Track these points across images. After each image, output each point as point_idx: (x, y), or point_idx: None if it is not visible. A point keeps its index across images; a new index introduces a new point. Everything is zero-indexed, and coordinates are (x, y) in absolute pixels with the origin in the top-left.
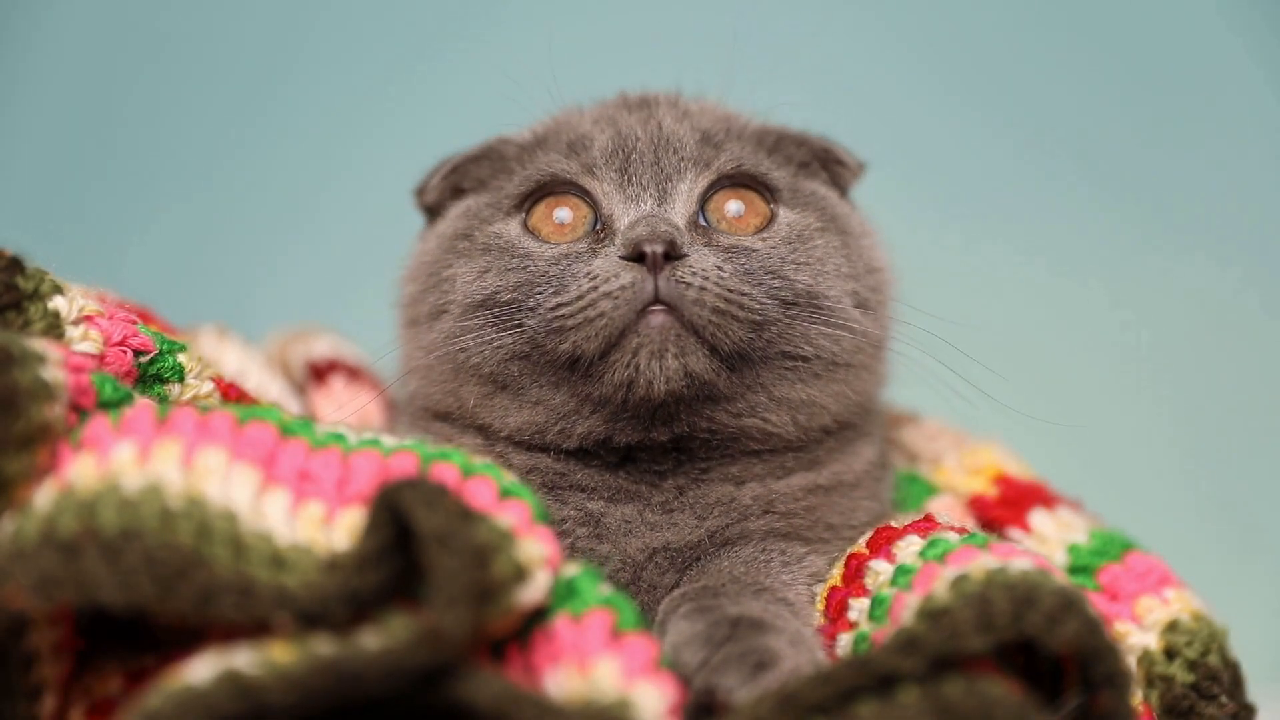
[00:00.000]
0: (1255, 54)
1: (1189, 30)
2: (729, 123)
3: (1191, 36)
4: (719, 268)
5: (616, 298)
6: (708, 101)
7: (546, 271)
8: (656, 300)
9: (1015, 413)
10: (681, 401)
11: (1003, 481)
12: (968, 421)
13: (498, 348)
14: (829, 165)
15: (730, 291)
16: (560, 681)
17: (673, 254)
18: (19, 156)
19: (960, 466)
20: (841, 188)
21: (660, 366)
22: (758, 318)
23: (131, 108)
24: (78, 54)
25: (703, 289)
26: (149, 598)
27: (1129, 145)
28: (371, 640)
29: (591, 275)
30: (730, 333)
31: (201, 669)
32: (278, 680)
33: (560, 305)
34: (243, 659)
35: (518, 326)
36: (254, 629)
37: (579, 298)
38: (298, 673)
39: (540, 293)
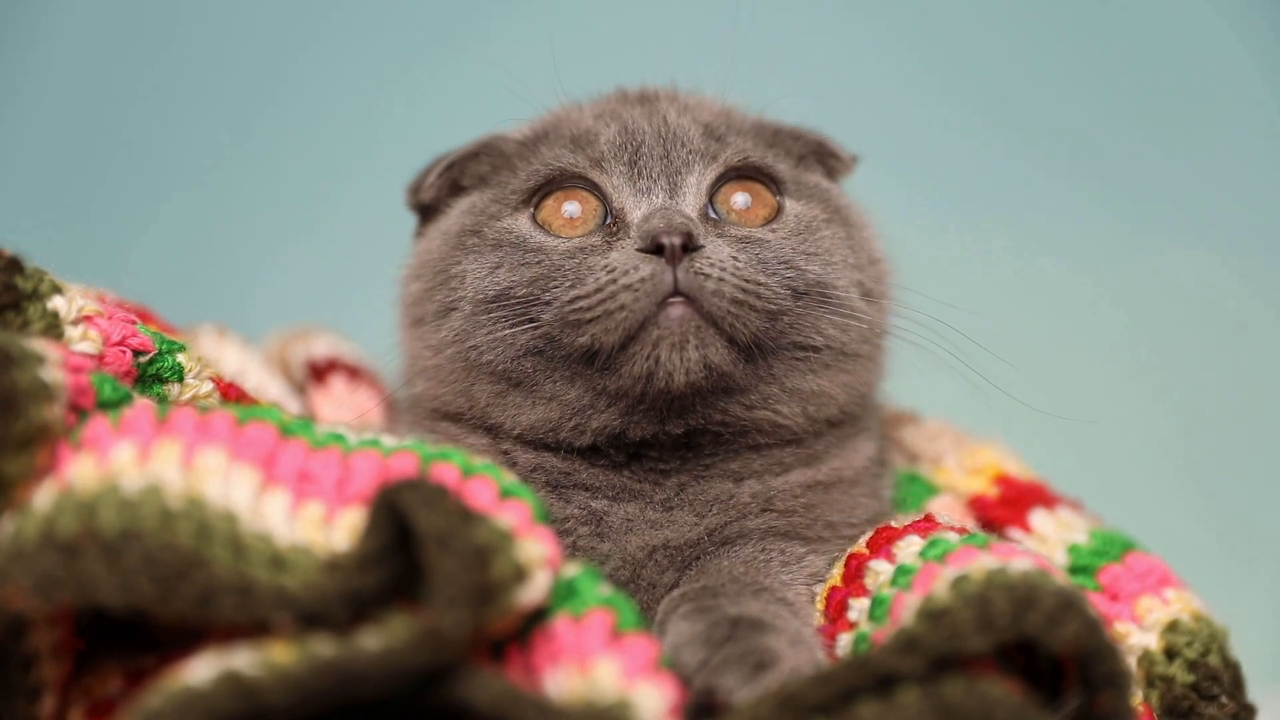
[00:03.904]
0: (1254, 52)
1: (1187, 27)
2: (728, 117)
3: (1190, 33)
4: (734, 258)
5: (636, 289)
6: (704, 96)
7: (562, 265)
8: (676, 292)
9: (1019, 404)
10: (699, 394)
11: (1003, 481)
12: (968, 414)
13: (511, 343)
14: (823, 159)
15: (747, 282)
16: (560, 682)
17: (690, 245)
18: (19, 156)
19: (960, 466)
20: (835, 181)
21: (681, 358)
22: (773, 307)
23: (131, 108)
24: (78, 54)
25: (721, 280)
26: (149, 598)
27: (1127, 142)
28: (372, 641)
29: (609, 268)
30: (748, 323)
31: (201, 669)
32: (278, 680)
33: (578, 298)
34: (243, 659)
35: (531, 321)
36: (254, 629)
37: (597, 290)
38: (298, 673)
39: (556, 287)
